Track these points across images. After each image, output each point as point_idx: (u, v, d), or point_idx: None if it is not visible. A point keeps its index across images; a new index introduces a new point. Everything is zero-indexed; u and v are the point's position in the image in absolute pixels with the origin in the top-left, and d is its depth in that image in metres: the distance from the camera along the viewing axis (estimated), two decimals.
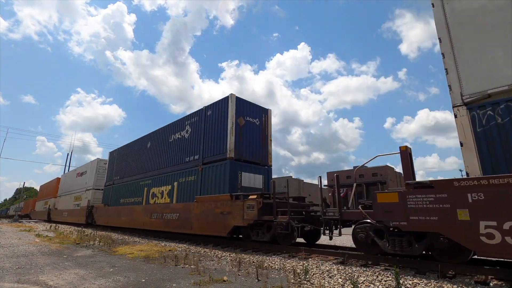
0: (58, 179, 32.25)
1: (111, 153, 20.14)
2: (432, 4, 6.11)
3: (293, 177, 29.12)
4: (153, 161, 14.58)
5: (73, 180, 25.90)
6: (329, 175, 28.49)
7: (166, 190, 12.69)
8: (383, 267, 5.58)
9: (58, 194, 29.82)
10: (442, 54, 5.77)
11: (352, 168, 28.93)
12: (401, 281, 4.44)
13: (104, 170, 21.23)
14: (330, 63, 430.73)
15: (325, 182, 28.77)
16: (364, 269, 5.48)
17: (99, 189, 20.87)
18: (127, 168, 17.17)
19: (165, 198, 12.60)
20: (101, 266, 6.23)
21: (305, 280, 4.87)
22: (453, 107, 5.52)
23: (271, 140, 11.55)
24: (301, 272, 5.29)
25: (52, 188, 32.68)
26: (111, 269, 5.92)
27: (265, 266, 6.09)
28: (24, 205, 50.50)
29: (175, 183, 12.17)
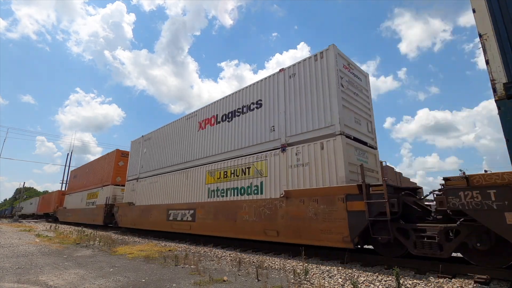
0: (118, 151, 18.78)
1: None
2: None
3: None
4: None
5: (192, 140, 11.95)
6: None
7: None
8: (383, 267, 5.58)
9: (130, 176, 16.07)
10: (482, 43, 4.38)
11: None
12: (401, 281, 4.44)
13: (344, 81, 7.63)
14: None
15: None
16: (364, 269, 5.48)
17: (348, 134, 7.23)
18: None
19: None
20: (101, 266, 6.23)
21: (305, 280, 4.87)
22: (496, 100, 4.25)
23: None
24: (301, 272, 5.29)
25: (106, 168, 19.12)
26: (111, 269, 5.92)
27: (265, 266, 6.09)
28: (42, 201, 37.84)
29: None
